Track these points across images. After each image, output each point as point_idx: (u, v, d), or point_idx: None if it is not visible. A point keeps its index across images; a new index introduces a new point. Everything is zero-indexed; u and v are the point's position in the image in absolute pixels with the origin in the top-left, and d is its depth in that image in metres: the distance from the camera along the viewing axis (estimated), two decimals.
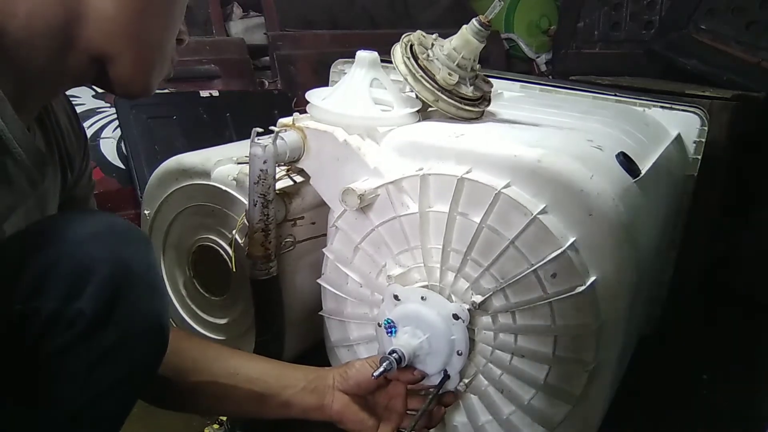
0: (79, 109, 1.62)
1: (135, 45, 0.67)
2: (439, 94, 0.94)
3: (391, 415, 0.85)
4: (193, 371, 0.82)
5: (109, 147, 1.65)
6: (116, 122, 1.66)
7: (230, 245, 1.07)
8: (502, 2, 0.93)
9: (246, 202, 0.97)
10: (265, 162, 0.90)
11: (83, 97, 1.65)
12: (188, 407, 0.89)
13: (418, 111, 0.98)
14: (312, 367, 0.90)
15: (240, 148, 1.10)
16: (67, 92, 1.53)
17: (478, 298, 0.86)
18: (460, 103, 0.95)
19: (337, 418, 0.85)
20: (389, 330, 0.90)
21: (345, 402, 0.85)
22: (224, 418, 1.10)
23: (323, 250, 0.99)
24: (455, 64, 0.94)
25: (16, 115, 0.59)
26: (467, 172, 0.83)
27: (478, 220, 0.83)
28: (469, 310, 0.86)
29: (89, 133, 1.63)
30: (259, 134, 0.90)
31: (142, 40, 0.68)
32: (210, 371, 0.82)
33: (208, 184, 1.08)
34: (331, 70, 1.51)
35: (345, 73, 1.38)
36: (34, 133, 0.70)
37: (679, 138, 1.24)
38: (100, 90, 1.67)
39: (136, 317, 0.61)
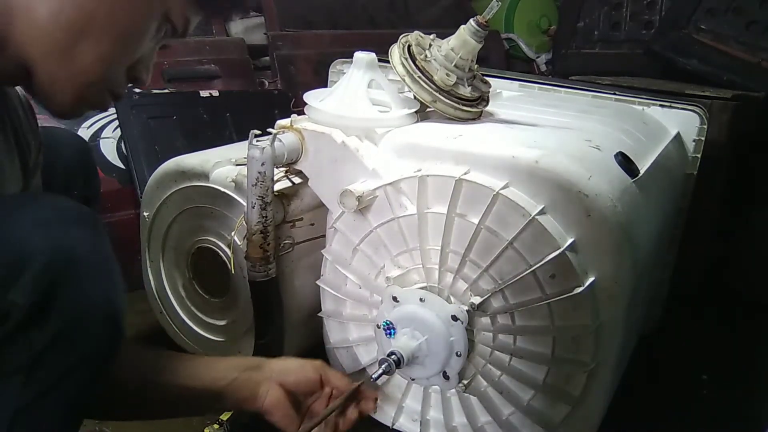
0: None
1: (61, 62, 0.65)
2: (437, 95, 0.94)
3: (313, 415, 0.86)
4: (120, 377, 0.76)
5: (109, 147, 1.65)
6: (116, 122, 1.66)
7: (229, 247, 1.07)
8: (500, 2, 0.93)
9: (244, 204, 0.97)
10: (263, 164, 0.90)
11: None
12: (119, 415, 0.85)
13: (416, 112, 0.98)
14: (246, 357, 0.89)
15: (239, 150, 1.10)
16: None
17: (477, 300, 0.86)
18: (458, 103, 0.95)
19: (268, 410, 0.84)
20: (388, 331, 0.90)
21: (279, 395, 0.84)
22: (224, 418, 1.10)
23: (322, 251, 0.99)
24: (453, 64, 0.94)
25: None
26: (465, 173, 0.83)
27: (476, 221, 0.83)
28: (467, 311, 0.86)
29: (89, 133, 1.63)
30: (257, 136, 0.90)
31: (71, 59, 0.65)
32: (137, 373, 0.78)
33: (207, 186, 1.08)
34: (330, 70, 1.51)
35: (344, 73, 1.38)
36: None
37: (678, 137, 1.24)
38: None
39: (81, 305, 0.58)
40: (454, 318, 0.86)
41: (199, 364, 0.84)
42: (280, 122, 0.98)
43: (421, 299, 0.88)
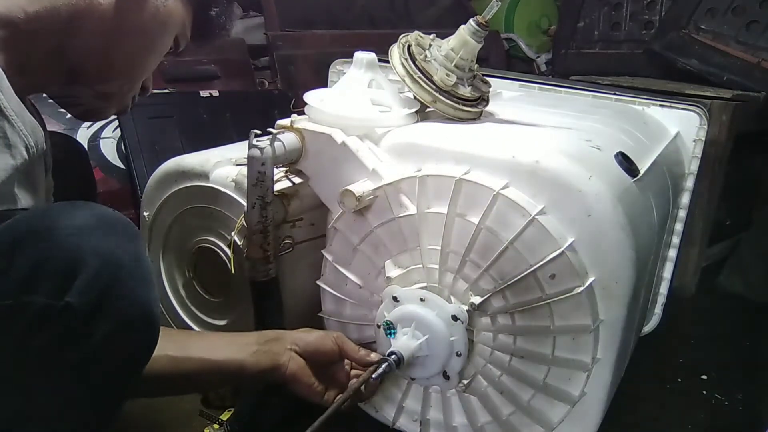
0: None
1: (114, 73, 0.81)
2: (437, 95, 0.94)
3: (336, 384, 0.90)
4: None
5: (109, 147, 1.65)
6: (116, 122, 1.66)
7: (229, 247, 1.07)
8: (500, 2, 0.93)
9: (245, 204, 0.97)
10: (263, 164, 0.90)
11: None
12: (144, 392, 0.87)
13: (416, 112, 0.98)
14: (264, 331, 0.92)
15: (239, 150, 1.10)
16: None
17: (477, 300, 0.86)
18: (458, 103, 0.95)
19: (291, 380, 0.87)
20: (388, 331, 0.90)
21: (301, 364, 0.87)
22: (224, 418, 1.11)
23: (322, 251, 0.99)
24: (453, 64, 0.94)
25: (11, 89, 0.67)
26: (465, 173, 0.83)
27: (476, 221, 0.83)
28: (468, 311, 0.86)
29: (89, 133, 1.63)
30: (257, 136, 0.90)
31: (122, 70, 0.82)
32: (161, 350, 0.80)
33: (207, 186, 1.08)
34: (330, 70, 1.51)
35: (344, 73, 1.37)
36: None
37: (678, 137, 1.24)
38: None
39: (127, 309, 0.61)
40: (455, 318, 0.86)
41: (219, 339, 0.89)
42: (280, 122, 0.98)
43: (421, 299, 0.88)
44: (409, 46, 0.96)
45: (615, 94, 1.33)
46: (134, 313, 0.62)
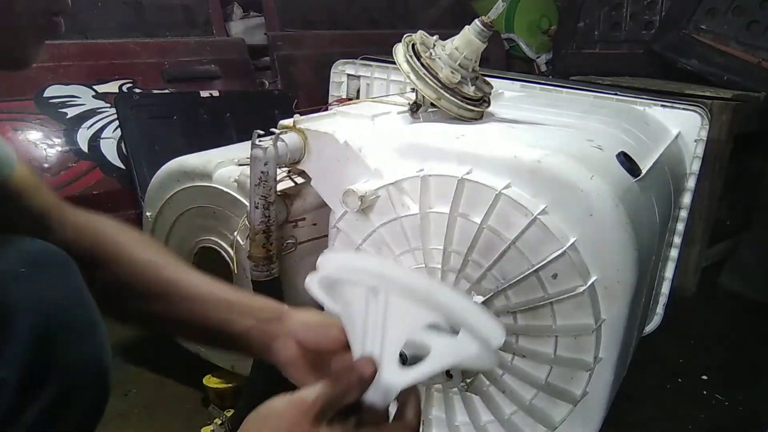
0: (79, 110, 1.62)
1: None
2: (442, 92, 0.94)
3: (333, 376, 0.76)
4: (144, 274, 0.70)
5: (109, 147, 1.65)
6: (116, 122, 1.66)
7: (232, 247, 1.07)
8: (506, 3, 0.93)
9: (247, 204, 0.97)
10: (266, 164, 0.90)
11: (83, 97, 1.65)
12: (133, 314, 0.73)
13: (417, 111, 0.98)
14: (266, 301, 0.81)
15: (241, 150, 1.10)
16: (67, 92, 1.52)
17: (480, 299, 0.86)
18: (462, 101, 0.95)
19: (283, 367, 0.73)
20: None
21: (294, 354, 0.72)
22: (228, 415, 1.11)
23: (325, 251, 0.99)
24: (457, 63, 0.95)
25: None
26: (468, 173, 0.83)
27: (478, 220, 0.83)
28: None
29: (89, 133, 1.63)
30: (260, 136, 0.90)
31: None
32: (160, 276, 0.71)
33: (210, 186, 1.08)
34: (332, 70, 1.51)
35: (346, 74, 1.38)
36: None
37: (680, 137, 1.24)
38: (100, 90, 1.67)
39: (74, 366, 0.51)
40: None
41: (213, 300, 0.74)
42: (283, 122, 0.98)
43: None
44: (413, 45, 0.96)
45: (616, 94, 1.33)
46: (82, 369, 0.52)
